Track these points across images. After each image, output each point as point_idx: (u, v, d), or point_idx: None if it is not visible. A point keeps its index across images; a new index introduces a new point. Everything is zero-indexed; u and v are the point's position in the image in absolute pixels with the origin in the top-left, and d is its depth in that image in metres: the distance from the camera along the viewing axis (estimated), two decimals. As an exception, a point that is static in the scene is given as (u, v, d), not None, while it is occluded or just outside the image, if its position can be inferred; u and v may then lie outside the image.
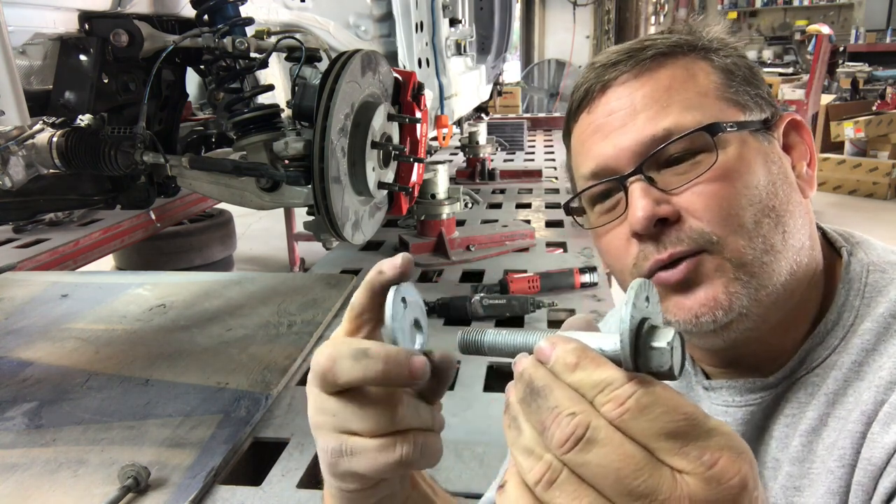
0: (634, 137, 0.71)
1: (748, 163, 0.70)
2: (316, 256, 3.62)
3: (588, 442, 0.38)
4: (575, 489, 0.39)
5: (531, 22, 11.20)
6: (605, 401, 0.39)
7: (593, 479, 0.38)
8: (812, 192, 0.77)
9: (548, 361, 0.42)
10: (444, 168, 2.60)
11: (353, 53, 1.59)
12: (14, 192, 1.52)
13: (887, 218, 6.26)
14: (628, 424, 0.38)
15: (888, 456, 0.61)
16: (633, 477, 0.37)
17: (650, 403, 0.38)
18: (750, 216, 0.68)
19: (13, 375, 1.66)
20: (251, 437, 1.40)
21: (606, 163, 0.73)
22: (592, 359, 0.41)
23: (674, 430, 0.37)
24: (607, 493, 0.38)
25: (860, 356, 0.68)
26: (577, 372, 0.40)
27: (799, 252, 0.72)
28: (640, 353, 0.40)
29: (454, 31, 2.98)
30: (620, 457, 0.37)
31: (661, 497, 0.36)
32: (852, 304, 0.72)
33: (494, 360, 1.71)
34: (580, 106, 0.77)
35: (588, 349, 0.41)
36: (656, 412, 0.37)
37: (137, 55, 1.48)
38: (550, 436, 0.39)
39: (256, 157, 1.60)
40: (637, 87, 0.72)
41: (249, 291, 2.20)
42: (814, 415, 0.69)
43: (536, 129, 5.98)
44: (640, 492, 0.37)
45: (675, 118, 0.70)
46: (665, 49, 0.74)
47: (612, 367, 0.40)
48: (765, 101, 0.75)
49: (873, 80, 9.77)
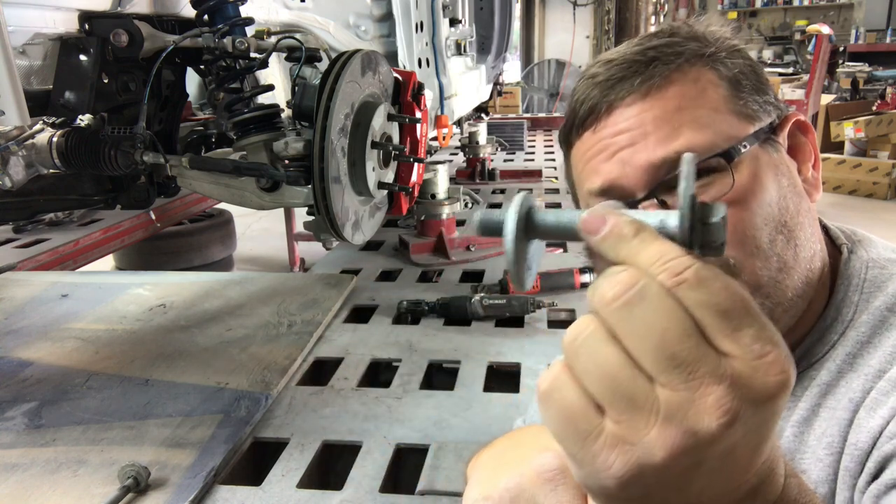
0: (646, 158, 0.69)
1: (761, 181, 0.69)
2: (316, 256, 3.62)
3: (639, 296, 0.35)
4: (599, 346, 0.36)
5: (531, 22, 11.19)
6: (661, 269, 0.35)
7: (632, 337, 0.35)
8: (818, 195, 0.77)
9: (597, 233, 0.38)
10: (444, 168, 2.60)
11: (353, 53, 1.59)
12: (14, 192, 1.51)
13: (887, 218, 6.26)
14: (684, 293, 0.35)
15: (874, 439, 0.62)
16: (679, 341, 0.34)
17: (709, 277, 0.35)
18: (765, 236, 0.69)
19: (13, 375, 1.66)
20: (251, 437, 1.40)
21: (614, 181, 0.72)
22: (650, 231, 0.38)
23: (730, 308, 0.34)
24: (643, 355, 0.35)
25: (854, 348, 0.69)
26: (634, 242, 0.37)
27: (811, 260, 0.72)
28: (695, 228, 0.38)
29: (454, 31, 2.98)
30: (670, 319, 0.34)
31: (703, 370, 0.34)
32: (851, 299, 0.72)
33: (494, 360, 1.71)
34: (584, 124, 0.75)
35: (644, 223, 0.38)
36: (715, 286, 0.35)
37: (137, 55, 1.48)
38: (599, 291, 0.36)
39: (256, 157, 1.60)
40: (646, 107, 0.70)
41: (249, 291, 2.20)
42: (806, 406, 0.70)
43: (536, 129, 5.97)
44: (682, 357, 0.34)
45: (686, 140, 0.69)
46: (672, 63, 0.71)
47: (669, 242, 0.37)
48: (772, 106, 0.75)
49: (873, 80, 9.76)
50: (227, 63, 1.59)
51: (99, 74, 1.46)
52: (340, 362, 1.74)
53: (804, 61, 10.01)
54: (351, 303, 2.13)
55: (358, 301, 2.15)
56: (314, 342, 1.83)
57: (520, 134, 5.08)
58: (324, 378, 1.68)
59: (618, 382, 0.35)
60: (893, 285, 0.71)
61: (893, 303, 0.69)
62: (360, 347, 1.81)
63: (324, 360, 1.77)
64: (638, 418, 0.35)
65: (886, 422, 0.61)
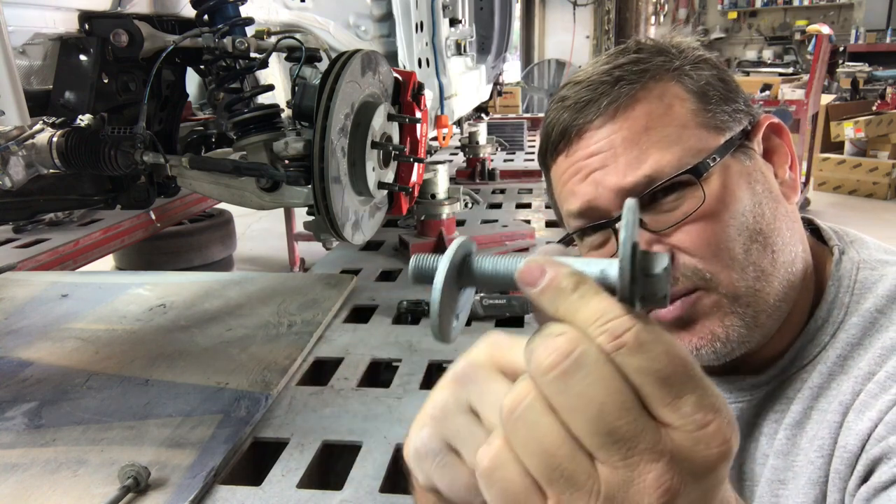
0: (616, 182, 0.71)
1: (732, 191, 0.70)
2: (316, 256, 3.62)
3: (576, 365, 0.33)
4: (537, 420, 0.34)
5: (531, 22, 11.20)
6: (600, 332, 0.33)
7: (569, 411, 0.33)
8: (796, 196, 0.77)
9: (535, 286, 0.36)
10: (444, 168, 2.60)
11: (353, 53, 1.59)
12: (14, 192, 1.51)
13: (887, 218, 6.26)
14: (623, 359, 0.33)
15: (862, 442, 0.62)
16: (618, 416, 0.32)
17: (650, 341, 0.33)
18: (739, 247, 0.69)
19: (13, 375, 1.66)
20: (251, 437, 1.40)
21: (591, 202, 0.73)
22: (591, 285, 0.35)
23: (670, 374, 0.32)
24: (580, 429, 0.33)
25: (845, 350, 0.69)
26: (574, 297, 0.35)
27: (792, 264, 0.73)
28: (637, 280, 0.36)
29: (454, 31, 2.98)
30: (608, 390, 0.32)
31: (642, 446, 0.32)
32: (842, 301, 0.72)
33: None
34: (557, 148, 0.76)
35: (585, 275, 0.36)
36: (656, 352, 0.32)
37: (137, 55, 1.48)
38: (535, 357, 0.34)
39: (256, 157, 1.60)
40: (615, 128, 0.71)
41: (249, 291, 2.20)
42: (798, 409, 0.71)
43: (536, 129, 5.96)
44: (620, 434, 0.32)
45: (654, 162, 0.69)
46: (637, 82, 0.72)
47: (610, 298, 0.35)
48: (742, 113, 0.75)
49: (873, 80, 9.76)
50: (227, 63, 1.59)
51: (99, 74, 1.46)
52: (340, 362, 1.74)
53: (804, 61, 10.01)
54: (351, 303, 2.13)
55: (358, 301, 2.15)
56: (314, 342, 1.83)
57: (520, 134, 5.09)
58: (324, 378, 1.68)
59: (557, 461, 0.33)
60: (883, 287, 0.71)
61: (883, 304, 0.69)
62: (360, 347, 1.81)
63: (324, 360, 1.77)
64: (578, 499, 0.33)
65: (875, 424, 0.61)
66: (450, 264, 0.39)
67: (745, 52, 13.75)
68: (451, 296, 0.40)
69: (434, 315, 0.39)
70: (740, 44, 14.08)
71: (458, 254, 0.40)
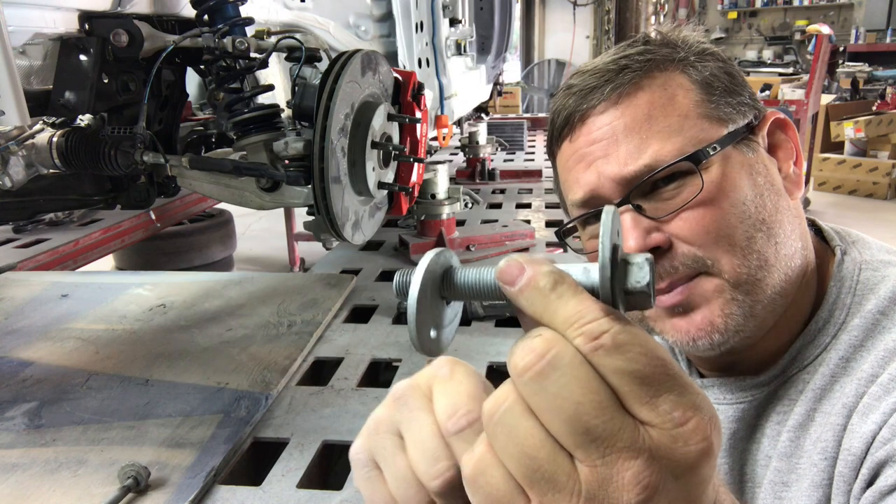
0: (616, 172, 0.71)
1: (733, 180, 0.70)
2: (316, 256, 3.62)
3: (551, 366, 0.33)
4: (517, 423, 0.34)
5: (531, 22, 11.20)
6: (577, 333, 0.33)
7: (546, 412, 0.33)
8: (799, 192, 0.77)
9: (514, 285, 0.36)
10: (444, 168, 2.60)
11: (353, 53, 1.59)
12: (14, 192, 1.51)
13: (887, 218, 6.26)
14: (600, 360, 0.33)
15: (867, 445, 0.62)
16: (594, 415, 0.32)
17: (627, 342, 0.33)
18: (741, 233, 0.69)
19: (13, 375, 1.66)
20: (251, 437, 1.40)
21: (594, 191, 0.74)
22: (570, 285, 0.35)
23: (648, 374, 0.32)
24: (558, 429, 0.33)
25: (847, 352, 0.69)
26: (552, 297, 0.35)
27: (792, 258, 0.73)
28: (617, 281, 0.36)
29: (454, 31, 2.98)
30: (584, 390, 0.32)
31: (620, 444, 0.32)
32: (844, 301, 0.72)
33: (494, 360, 1.71)
34: (562, 134, 0.77)
35: (564, 274, 0.36)
36: (633, 352, 0.33)
37: (137, 55, 1.48)
38: (513, 360, 0.34)
39: (256, 157, 1.60)
40: (617, 115, 0.72)
41: (249, 291, 2.20)
42: (801, 411, 0.70)
43: (536, 129, 5.97)
44: (597, 433, 0.32)
45: (655, 150, 0.70)
46: (642, 70, 0.73)
47: (589, 298, 0.35)
48: (747, 106, 0.75)
49: (873, 80, 9.76)
50: (227, 63, 1.59)
51: (99, 74, 1.46)
52: (340, 362, 1.74)
53: (804, 61, 10.02)
54: (351, 303, 2.13)
55: (358, 301, 2.15)
56: (314, 342, 1.83)
57: (520, 134, 5.09)
58: (324, 378, 1.68)
59: (538, 463, 0.33)
60: (886, 288, 0.70)
61: (886, 306, 0.69)
62: (360, 347, 1.81)
63: (324, 360, 1.77)
64: (560, 500, 0.33)
65: (879, 427, 0.61)
66: (424, 277, 0.39)
67: (745, 52, 13.75)
68: (427, 309, 0.39)
69: (411, 328, 0.39)
70: (740, 44, 14.09)
71: (436, 267, 0.40)
